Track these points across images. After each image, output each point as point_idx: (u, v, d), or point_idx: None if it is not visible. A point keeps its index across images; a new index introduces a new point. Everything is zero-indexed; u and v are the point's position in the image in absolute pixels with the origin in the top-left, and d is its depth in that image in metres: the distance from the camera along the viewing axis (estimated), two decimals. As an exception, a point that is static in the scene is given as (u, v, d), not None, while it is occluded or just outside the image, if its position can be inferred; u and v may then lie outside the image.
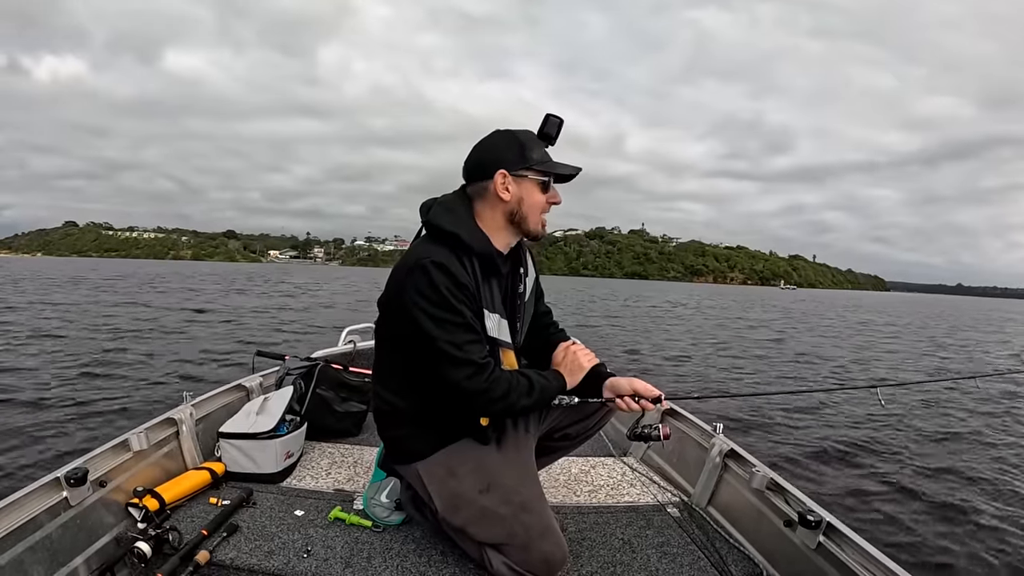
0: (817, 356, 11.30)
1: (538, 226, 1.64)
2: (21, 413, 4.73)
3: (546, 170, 1.60)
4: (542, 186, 1.60)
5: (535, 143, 1.60)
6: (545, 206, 1.63)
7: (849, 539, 1.53)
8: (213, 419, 2.42)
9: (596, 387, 1.74)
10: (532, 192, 1.60)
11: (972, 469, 4.32)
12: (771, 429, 5.15)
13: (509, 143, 1.59)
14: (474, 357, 1.49)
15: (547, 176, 1.61)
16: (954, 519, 3.38)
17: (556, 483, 2.40)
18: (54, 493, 1.62)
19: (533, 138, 1.60)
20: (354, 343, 3.82)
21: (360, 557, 1.72)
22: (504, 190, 1.57)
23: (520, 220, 1.61)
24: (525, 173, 1.58)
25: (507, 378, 1.54)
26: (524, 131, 1.61)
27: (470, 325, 1.50)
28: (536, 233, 1.65)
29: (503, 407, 1.55)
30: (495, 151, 1.59)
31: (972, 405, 6.58)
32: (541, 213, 1.63)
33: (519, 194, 1.59)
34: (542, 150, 1.61)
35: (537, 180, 1.59)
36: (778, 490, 1.85)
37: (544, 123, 1.61)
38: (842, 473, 4.09)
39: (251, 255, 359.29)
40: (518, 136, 1.59)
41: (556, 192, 1.64)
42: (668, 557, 1.81)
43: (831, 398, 6.88)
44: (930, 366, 10.72)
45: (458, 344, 1.48)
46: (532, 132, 1.61)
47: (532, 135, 1.61)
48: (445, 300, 1.46)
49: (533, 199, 1.60)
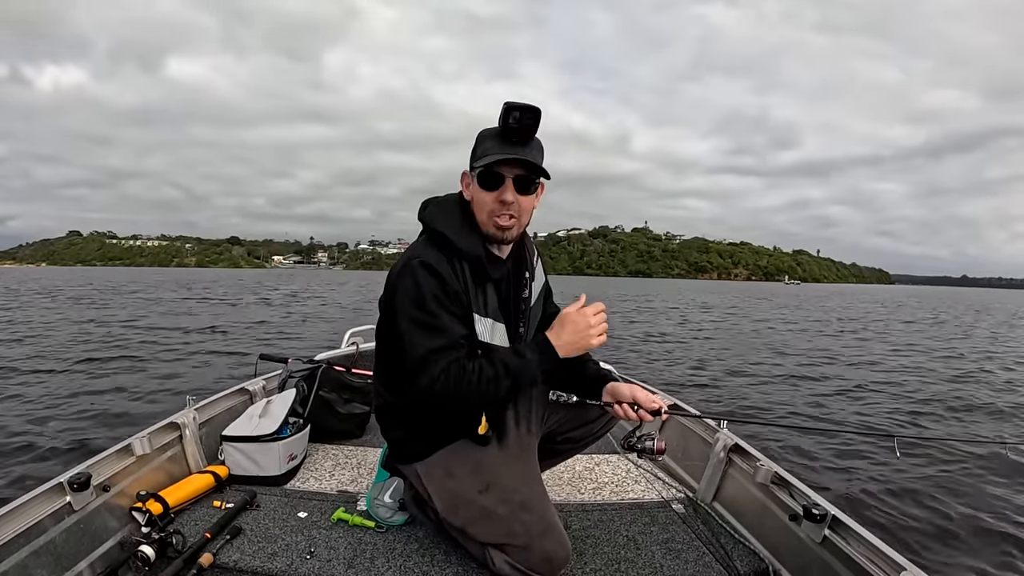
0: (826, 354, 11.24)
1: (488, 227, 1.54)
2: (23, 418, 4.75)
3: (477, 165, 1.50)
4: (488, 183, 1.50)
5: (488, 138, 1.51)
6: (493, 204, 1.51)
7: (855, 532, 1.52)
8: (216, 423, 2.42)
9: (596, 390, 1.69)
10: (477, 190, 1.52)
11: (979, 458, 4.29)
12: (775, 423, 5.10)
13: (475, 141, 1.54)
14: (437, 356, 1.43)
15: (489, 172, 1.49)
16: (961, 512, 3.36)
17: (560, 481, 2.40)
18: (57, 498, 1.62)
19: (490, 133, 1.51)
20: (357, 345, 3.83)
21: (363, 558, 1.71)
22: (466, 190, 1.57)
23: (477, 221, 1.56)
24: (475, 171, 1.52)
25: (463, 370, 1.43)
26: (492, 127, 1.52)
27: (442, 328, 1.45)
28: (488, 234, 1.55)
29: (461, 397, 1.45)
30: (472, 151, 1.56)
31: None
32: (489, 213, 1.52)
33: (472, 193, 1.55)
34: (491, 144, 1.49)
35: (479, 177, 1.51)
36: (783, 484, 1.84)
37: (502, 114, 1.46)
38: (847, 466, 4.06)
39: (255, 261, 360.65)
40: (480, 132, 1.54)
41: (505, 189, 1.50)
42: (673, 553, 1.81)
43: (832, 393, 6.85)
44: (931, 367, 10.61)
45: (426, 346, 1.44)
46: (494, 127, 1.50)
47: (491, 130, 1.51)
48: (422, 301, 1.44)
49: (479, 197, 1.52)
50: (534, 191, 1.56)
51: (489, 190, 1.50)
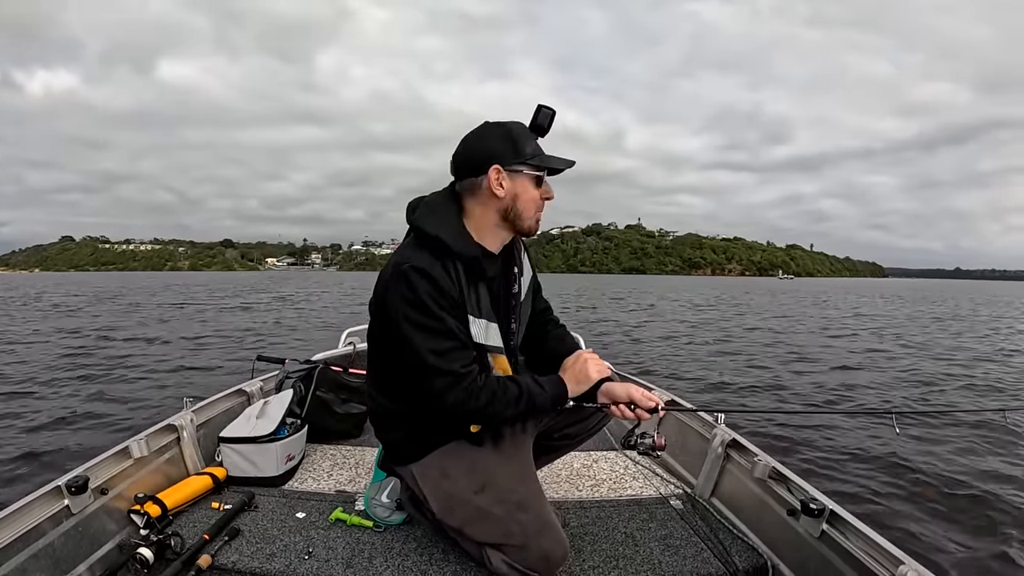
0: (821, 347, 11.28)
1: (533, 222, 1.57)
2: (21, 422, 4.73)
3: (541, 164, 1.53)
4: (536, 181, 1.54)
5: (527, 136, 1.52)
6: (540, 202, 1.57)
7: (852, 526, 1.52)
8: (214, 424, 2.42)
9: (592, 390, 1.67)
10: (527, 188, 1.53)
11: (977, 450, 4.31)
12: (772, 416, 5.11)
13: (502, 136, 1.51)
14: (454, 366, 1.45)
15: (542, 170, 1.54)
16: (957, 504, 3.37)
17: (558, 478, 2.40)
18: (55, 501, 1.62)
19: (525, 131, 1.52)
20: (354, 344, 3.82)
21: (361, 557, 1.72)
22: (499, 186, 1.50)
23: (515, 217, 1.55)
24: (520, 168, 1.50)
25: (491, 387, 1.48)
26: (515, 123, 1.54)
27: (452, 332, 1.46)
28: (531, 230, 1.58)
29: (485, 417, 1.52)
30: (487, 145, 1.51)
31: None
32: (536, 210, 1.57)
33: (514, 190, 1.52)
34: (535, 143, 1.53)
35: (532, 175, 1.52)
36: (780, 479, 1.85)
37: (536, 114, 1.52)
38: (845, 459, 4.08)
39: (249, 264, 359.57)
40: (510, 129, 1.52)
41: (550, 187, 1.58)
42: (671, 550, 1.81)
43: (833, 381, 6.88)
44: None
45: (439, 352, 1.44)
46: (523, 124, 1.53)
47: (524, 127, 1.53)
48: (425, 306, 1.42)
49: (528, 195, 1.53)
50: None
51: (539, 187, 1.56)
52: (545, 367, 1.71)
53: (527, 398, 1.51)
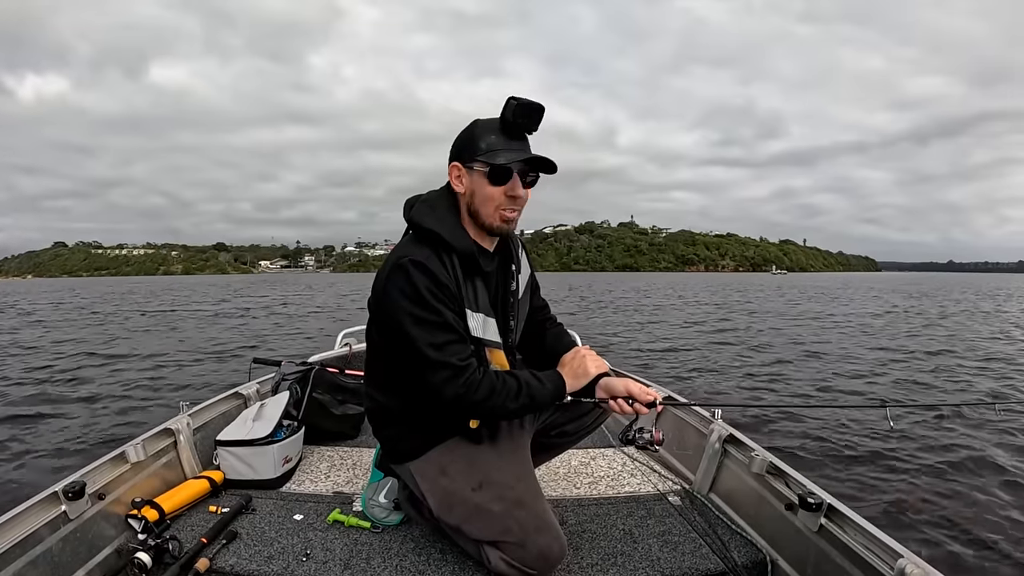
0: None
1: (493, 220, 1.53)
2: (16, 428, 4.70)
3: (487, 161, 1.48)
4: (490, 177, 1.49)
5: (490, 132, 1.50)
6: (501, 199, 1.51)
7: (851, 520, 1.52)
8: (211, 427, 2.41)
9: (590, 385, 1.68)
10: (481, 184, 1.50)
11: (974, 442, 4.33)
12: (768, 411, 5.13)
13: (467, 133, 1.52)
14: (452, 359, 1.45)
15: (489, 167, 1.49)
16: (955, 497, 3.39)
17: (556, 476, 2.40)
18: (52, 507, 1.61)
19: (491, 126, 1.50)
20: (350, 346, 3.82)
21: (359, 558, 1.71)
22: (457, 183, 1.53)
23: (475, 214, 1.54)
24: (472, 164, 1.50)
25: (491, 381, 1.48)
26: (489, 119, 1.52)
27: (450, 325, 1.46)
28: (492, 227, 1.55)
29: (486, 410, 1.51)
30: (456, 143, 1.54)
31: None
32: (496, 207, 1.52)
33: (471, 187, 1.52)
34: (496, 138, 1.49)
35: (484, 172, 1.49)
36: (778, 474, 1.85)
37: (504, 108, 1.48)
38: (842, 454, 4.09)
39: (242, 266, 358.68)
40: (477, 125, 1.52)
41: (515, 184, 1.51)
42: (670, 546, 1.81)
43: (831, 382, 6.90)
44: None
45: (437, 345, 1.44)
46: (497, 120, 1.51)
47: (493, 124, 1.51)
48: (423, 299, 1.43)
49: (483, 191, 1.51)
50: (534, 184, 1.58)
51: (498, 185, 1.50)
52: (543, 364, 1.70)
53: (526, 392, 1.52)
